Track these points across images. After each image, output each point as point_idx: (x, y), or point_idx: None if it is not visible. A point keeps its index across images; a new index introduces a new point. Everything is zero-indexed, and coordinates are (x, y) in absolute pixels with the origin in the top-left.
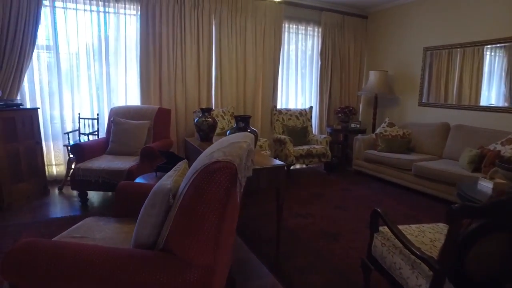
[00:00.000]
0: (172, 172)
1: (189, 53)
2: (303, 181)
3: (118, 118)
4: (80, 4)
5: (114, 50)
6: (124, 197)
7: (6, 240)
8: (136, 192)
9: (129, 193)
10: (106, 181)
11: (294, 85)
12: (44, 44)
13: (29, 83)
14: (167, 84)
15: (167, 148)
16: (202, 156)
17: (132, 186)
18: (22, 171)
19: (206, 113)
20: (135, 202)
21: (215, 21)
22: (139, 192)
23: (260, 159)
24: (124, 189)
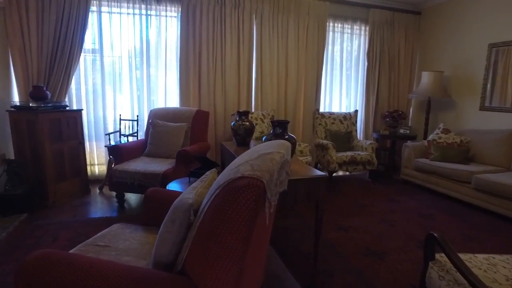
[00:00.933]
0: (198, 183)
1: (229, 54)
2: (346, 189)
3: (156, 120)
4: (124, 8)
5: (155, 52)
6: (152, 205)
7: (46, 238)
8: (165, 199)
9: (157, 201)
10: (141, 184)
11: (338, 87)
12: (90, 48)
13: (75, 86)
14: (206, 85)
15: (203, 151)
16: (228, 168)
17: (161, 194)
18: (65, 170)
19: (243, 117)
20: (163, 210)
21: (256, 21)
22: (167, 200)
23: (297, 168)
24: (153, 196)
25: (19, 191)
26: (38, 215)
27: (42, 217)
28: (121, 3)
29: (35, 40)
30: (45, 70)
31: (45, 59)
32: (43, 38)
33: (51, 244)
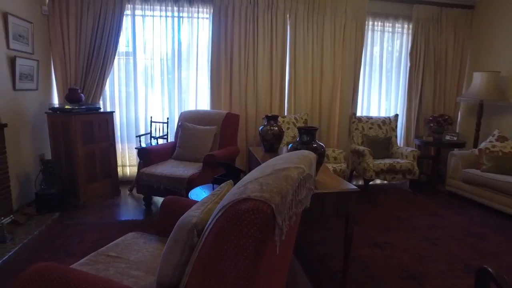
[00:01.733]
0: (209, 197)
1: (261, 56)
2: (383, 200)
3: (185, 123)
4: (157, 11)
5: (187, 55)
6: (169, 214)
7: (73, 238)
8: (182, 209)
9: (174, 210)
10: (167, 188)
11: (377, 90)
12: (123, 51)
13: (109, 88)
14: (237, 88)
15: (232, 156)
16: (236, 186)
17: (178, 202)
18: (96, 171)
19: (271, 121)
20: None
21: (290, 20)
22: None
23: (326, 180)
24: (169, 205)
25: (52, 190)
26: (69, 214)
27: (73, 217)
28: (154, 6)
29: (74, 45)
30: (82, 73)
31: (81, 63)
32: (80, 43)
33: (76, 246)
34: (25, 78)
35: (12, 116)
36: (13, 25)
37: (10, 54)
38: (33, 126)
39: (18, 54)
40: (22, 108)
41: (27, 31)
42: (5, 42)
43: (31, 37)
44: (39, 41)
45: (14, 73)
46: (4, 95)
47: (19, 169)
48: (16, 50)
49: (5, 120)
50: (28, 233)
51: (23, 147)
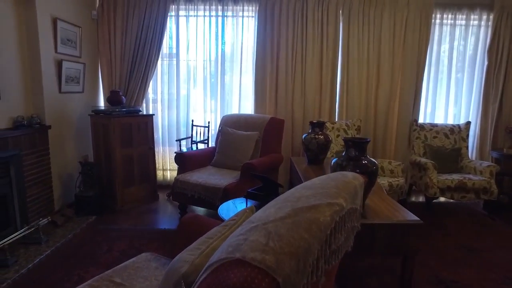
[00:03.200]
0: (215, 232)
1: (310, 56)
2: (450, 223)
3: (226, 127)
4: (201, 10)
5: (230, 55)
6: (187, 235)
7: (102, 246)
8: (202, 230)
9: (193, 231)
10: (202, 198)
11: (445, 93)
12: (166, 53)
13: (152, 90)
14: (283, 90)
15: (274, 165)
16: (238, 231)
17: (199, 222)
18: (134, 175)
19: (316, 129)
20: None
21: (343, 17)
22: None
23: (378, 205)
24: (188, 226)
25: (90, 193)
26: (105, 218)
27: (107, 222)
28: (198, 5)
29: (119, 48)
30: (126, 75)
31: (126, 65)
32: (125, 45)
33: (103, 255)
34: (71, 81)
35: (57, 118)
36: (61, 30)
37: (57, 57)
38: (77, 128)
39: (64, 57)
40: (67, 110)
41: (75, 35)
42: (53, 46)
43: (79, 41)
44: (86, 45)
45: (60, 76)
46: (50, 97)
47: (62, 170)
48: (63, 53)
49: (49, 122)
50: (63, 236)
51: (66, 148)
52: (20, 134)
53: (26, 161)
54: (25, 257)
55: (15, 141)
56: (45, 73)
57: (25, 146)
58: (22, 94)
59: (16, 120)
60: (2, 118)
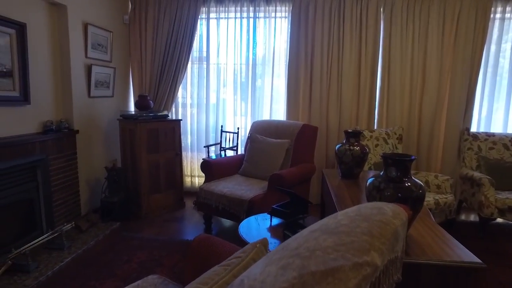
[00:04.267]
0: (211, 276)
1: (347, 59)
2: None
3: (255, 134)
4: (232, 12)
5: (262, 58)
6: (198, 260)
7: (122, 256)
8: (214, 255)
9: (204, 255)
10: (226, 209)
11: (504, 98)
12: (196, 56)
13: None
14: (318, 96)
15: (305, 176)
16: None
17: (210, 246)
18: (160, 182)
19: (351, 139)
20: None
21: (384, 15)
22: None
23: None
24: (200, 248)
25: (115, 199)
26: (128, 225)
27: (131, 229)
28: (228, 7)
29: (150, 52)
30: (156, 80)
31: (156, 69)
32: (156, 49)
33: (122, 266)
34: (100, 86)
35: (85, 123)
36: (92, 35)
37: (87, 62)
38: (106, 133)
39: (94, 62)
40: (96, 115)
41: (106, 40)
42: (83, 51)
43: (109, 45)
44: (118, 49)
45: (89, 80)
46: (79, 102)
47: (90, 174)
48: (93, 58)
49: (78, 127)
50: (85, 243)
51: (95, 153)
52: (48, 139)
53: (54, 165)
54: (46, 263)
55: (43, 146)
56: (75, 78)
57: (52, 151)
58: (52, 99)
59: (45, 124)
60: (32, 122)
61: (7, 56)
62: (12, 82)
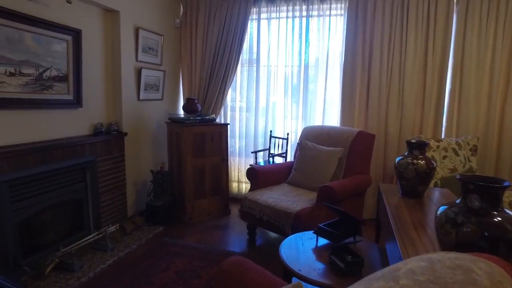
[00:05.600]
0: None
1: (411, 59)
2: None
3: (306, 141)
4: (283, 12)
5: (315, 60)
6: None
7: (160, 263)
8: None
9: (236, 282)
10: (270, 221)
11: None
12: (246, 58)
13: (230, 97)
14: (376, 100)
15: (359, 189)
16: None
17: (241, 272)
18: (205, 187)
19: (415, 151)
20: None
21: (458, 7)
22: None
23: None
24: (228, 275)
25: (160, 202)
26: (171, 230)
27: (173, 234)
28: (280, 6)
29: (200, 55)
30: (205, 83)
31: (205, 72)
32: (205, 52)
33: (159, 274)
34: (150, 89)
35: (134, 125)
36: (143, 39)
37: (137, 65)
38: (155, 136)
39: (144, 65)
40: (145, 118)
41: (157, 43)
42: (134, 54)
43: (160, 49)
44: (168, 53)
45: (139, 83)
46: (128, 105)
47: (137, 176)
48: (143, 61)
49: (126, 129)
50: (127, 246)
51: (142, 155)
52: (97, 141)
53: (102, 167)
54: (89, 264)
55: (93, 148)
56: (125, 81)
57: (101, 152)
58: (103, 102)
59: (96, 127)
60: (84, 125)
61: (64, 61)
62: (67, 86)
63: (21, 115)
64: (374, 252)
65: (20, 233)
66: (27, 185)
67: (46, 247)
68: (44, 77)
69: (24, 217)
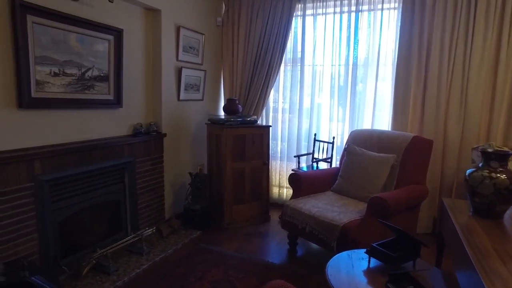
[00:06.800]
0: None
1: (478, 54)
2: None
3: (353, 145)
4: (330, 7)
5: (364, 59)
6: None
7: (196, 271)
8: None
9: None
10: (313, 233)
11: None
12: (289, 57)
13: (273, 98)
14: (434, 102)
15: (413, 201)
16: None
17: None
18: (245, 192)
19: (494, 162)
20: None
21: None
22: None
23: None
24: None
25: (197, 206)
26: (208, 235)
27: (210, 240)
28: (327, 1)
29: (241, 54)
30: (247, 83)
31: (247, 72)
32: (247, 51)
33: (193, 283)
34: (190, 89)
35: (173, 126)
36: (184, 38)
37: (178, 65)
38: (194, 137)
39: (185, 65)
40: (185, 118)
41: (198, 42)
42: (175, 54)
43: (201, 48)
44: (209, 52)
45: (179, 83)
46: (168, 105)
47: (175, 178)
48: (184, 61)
49: (166, 130)
50: (163, 250)
51: (181, 157)
52: (136, 141)
53: (140, 168)
54: (125, 267)
55: (131, 148)
56: (165, 81)
57: (139, 153)
58: (143, 102)
59: (135, 127)
60: (123, 125)
61: (105, 61)
62: (108, 86)
63: (63, 115)
64: (438, 281)
65: (59, 233)
66: (66, 185)
67: (84, 247)
68: (86, 77)
69: (63, 217)
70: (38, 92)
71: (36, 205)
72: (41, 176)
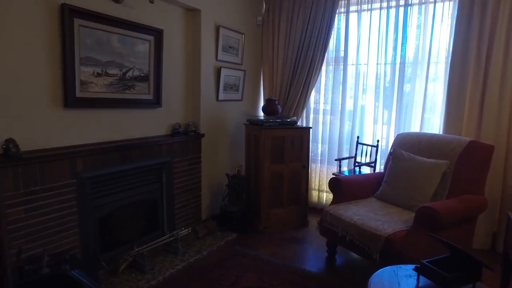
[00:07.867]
0: None
1: None
2: None
3: (400, 150)
4: (376, 2)
5: (413, 57)
6: None
7: (230, 275)
8: None
9: None
10: (354, 242)
11: None
12: (332, 57)
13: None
14: (495, 103)
15: (470, 213)
16: None
17: None
18: (283, 195)
19: None
20: None
21: None
22: None
23: None
24: None
25: (234, 208)
26: (245, 239)
27: (246, 243)
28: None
29: (282, 53)
30: (287, 83)
31: (287, 71)
32: (288, 51)
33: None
34: (229, 89)
35: (212, 126)
36: (224, 37)
37: (217, 65)
38: (233, 137)
39: (224, 65)
40: (223, 119)
41: (238, 42)
42: (214, 54)
43: (241, 48)
44: (249, 52)
45: (218, 83)
46: (207, 105)
47: (213, 179)
48: (223, 61)
49: (204, 130)
50: (198, 251)
51: (219, 157)
52: (174, 141)
53: (178, 168)
54: (160, 267)
55: (169, 148)
56: (204, 81)
57: (177, 153)
58: (182, 102)
59: (174, 127)
60: (162, 125)
61: (145, 61)
62: (148, 85)
63: (104, 115)
64: None
65: (99, 228)
66: (106, 183)
67: (121, 244)
68: (127, 77)
69: (103, 214)
70: (82, 92)
71: (78, 201)
72: (83, 173)
